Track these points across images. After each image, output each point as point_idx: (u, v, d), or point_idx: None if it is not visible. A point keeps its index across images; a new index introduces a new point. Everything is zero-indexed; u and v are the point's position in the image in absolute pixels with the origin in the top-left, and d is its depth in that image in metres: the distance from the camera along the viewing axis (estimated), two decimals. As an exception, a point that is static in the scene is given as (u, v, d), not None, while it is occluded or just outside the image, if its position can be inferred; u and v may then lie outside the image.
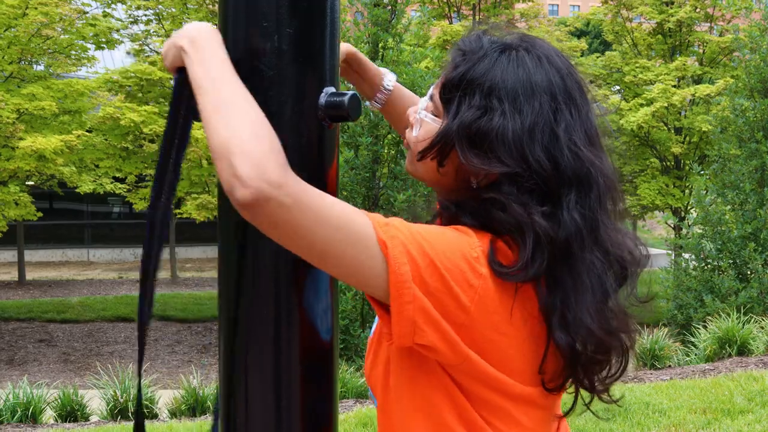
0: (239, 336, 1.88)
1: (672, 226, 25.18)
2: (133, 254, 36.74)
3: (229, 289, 1.90)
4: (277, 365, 1.88)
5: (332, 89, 1.88)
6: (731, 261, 16.69)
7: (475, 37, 2.06)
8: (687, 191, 27.08)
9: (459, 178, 2.00)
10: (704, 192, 17.59)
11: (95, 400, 11.15)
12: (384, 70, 2.56)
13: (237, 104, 1.75)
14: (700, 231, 17.61)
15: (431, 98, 2.05)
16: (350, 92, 1.86)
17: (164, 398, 11.34)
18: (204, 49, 1.84)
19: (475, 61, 1.98)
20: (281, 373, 1.88)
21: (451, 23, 28.45)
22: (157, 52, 25.85)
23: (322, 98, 1.86)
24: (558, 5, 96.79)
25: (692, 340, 13.60)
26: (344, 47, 2.39)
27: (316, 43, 1.87)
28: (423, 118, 2.04)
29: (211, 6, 24.86)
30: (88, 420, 10.84)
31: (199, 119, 1.82)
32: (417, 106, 2.07)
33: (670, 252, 19.07)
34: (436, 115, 2.02)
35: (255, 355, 1.87)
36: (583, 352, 1.91)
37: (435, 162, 2.01)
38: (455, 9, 29.11)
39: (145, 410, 10.88)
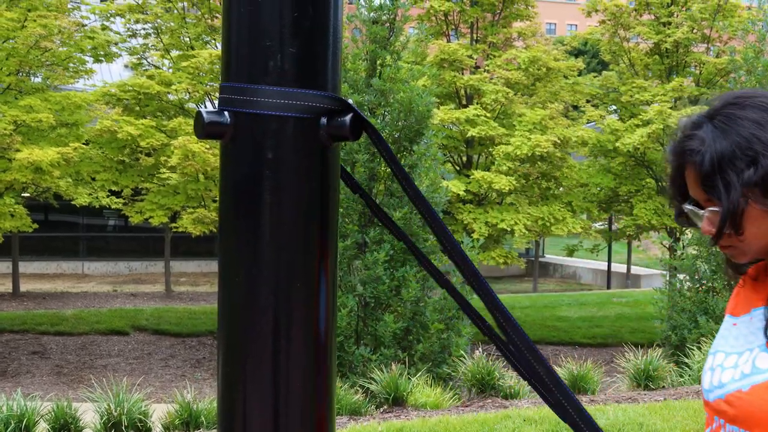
0: (238, 351, 1.90)
1: (667, 246, 25.20)
2: (127, 267, 36.77)
3: (228, 303, 1.92)
4: (276, 380, 1.89)
5: (334, 109, 1.89)
6: (726, 282, 16.70)
7: (688, 127, 2.33)
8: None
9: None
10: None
11: (89, 413, 11.14)
12: None
13: None
14: (694, 252, 17.63)
15: (698, 206, 2.32)
16: (351, 113, 1.88)
17: (158, 412, 11.34)
18: None
19: (708, 142, 2.24)
20: (280, 388, 1.89)
21: (449, 41, 28.49)
22: (155, 66, 25.87)
23: (324, 118, 1.87)
24: (555, 24, 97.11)
25: (686, 361, 13.62)
26: None
27: (319, 62, 1.89)
28: (705, 214, 2.28)
29: (209, 21, 24.91)
30: (82, 433, 10.84)
31: None
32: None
33: (664, 272, 19.05)
34: (715, 207, 2.26)
35: (253, 370, 1.88)
36: None
37: (761, 222, 2.23)
38: (453, 27, 29.15)
39: (139, 424, 10.88)
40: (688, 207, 2.33)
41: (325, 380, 1.95)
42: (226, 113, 1.87)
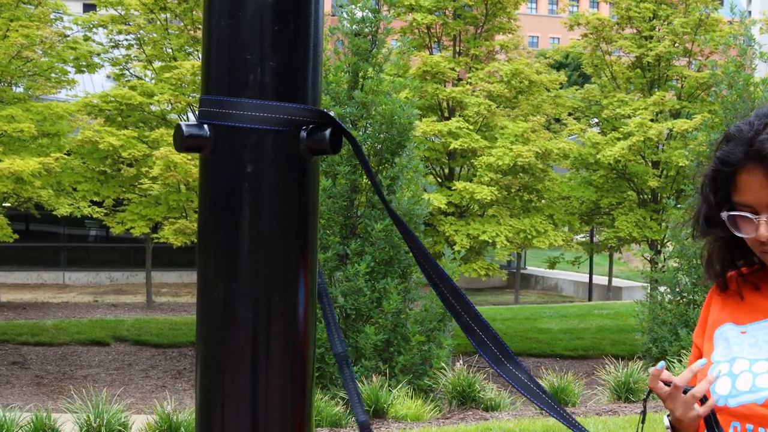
0: (216, 363, 1.90)
1: (648, 259, 25.26)
2: (108, 278, 36.66)
3: (206, 316, 1.92)
4: (254, 392, 1.89)
5: (314, 122, 1.90)
6: (706, 295, 16.72)
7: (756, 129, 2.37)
8: (663, 224, 27.17)
9: None
10: (680, 225, 17.66)
11: (68, 424, 11.10)
12: None
13: None
14: (675, 264, 17.66)
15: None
16: (331, 126, 1.88)
17: (138, 423, 11.31)
18: None
19: None
20: (258, 400, 1.89)
21: (431, 54, 28.53)
22: (137, 76, 25.84)
23: (303, 131, 1.87)
24: (538, 37, 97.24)
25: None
26: None
27: (299, 75, 1.89)
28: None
29: (192, 32, 24.88)
30: (61, 444, 10.80)
31: None
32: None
33: (645, 285, 19.08)
34: None
35: (231, 382, 1.88)
36: None
37: None
38: (436, 39, 29.19)
39: (118, 435, 10.84)
40: (737, 214, 2.37)
41: (303, 392, 1.95)
42: (205, 126, 1.87)
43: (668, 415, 2.51)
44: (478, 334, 2.02)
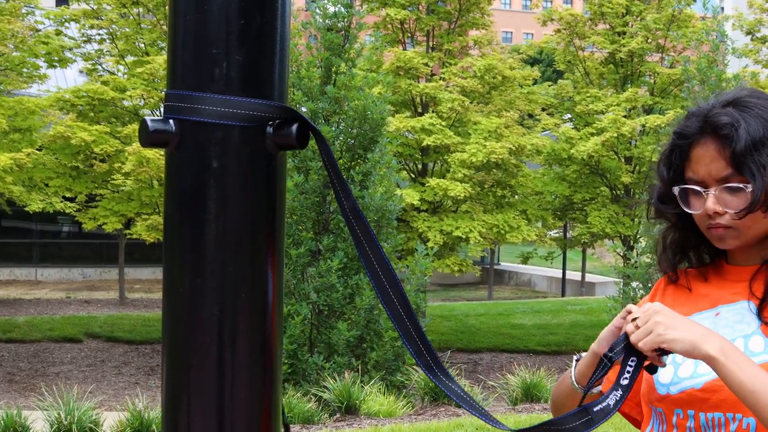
0: (181, 360, 1.88)
1: (621, 254, 25.34)
2: (81, 274, 36.53)
3: (172, 313, 1.90)
4: (221, 389, 1.88)
5: (280, 117, 1.88)
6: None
7: (712, 106, 2.46)
8: (636, 220, 27.26)
9: None
10: (653, 221, 17.70)
11: (39, 422, 11.05)
12: None
13: None
14: (648, 260, 17.72)
15: (717, 188, 2.37)
16: (298, 121, 1.87)
17: (109, 421, 11.27)
18: (734, 354, 2.18)
19: (740, 119, 2.35)
20: (224, 398, 1.88)
21: (404, 49, 28.50)
22: (110, 71, 25.75)
23: (270, 127, 1.86)
24: (512, 33, 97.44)
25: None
26: None
27: (265, 70, 1.88)
28: (714, 193, 2.38)
29: (165, 27, 24.80)
30: (32, 441, 10.75)
31: None
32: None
33: (618, 281, 19.14)
34: (740, 183, 2.35)
35: (197, 380, 1.87)
36: None
37: (760, 212, 2.34)
38: (409, 35, 29.15)
39: (90, 432, 10.80)
40: (687, 186, 2.42)
41: (270, 389, 1.94)
42: (171, 121, 1.85)
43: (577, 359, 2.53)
44: (417, 344, 2.10)
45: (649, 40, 29.28)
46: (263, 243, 1.89)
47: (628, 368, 2.25)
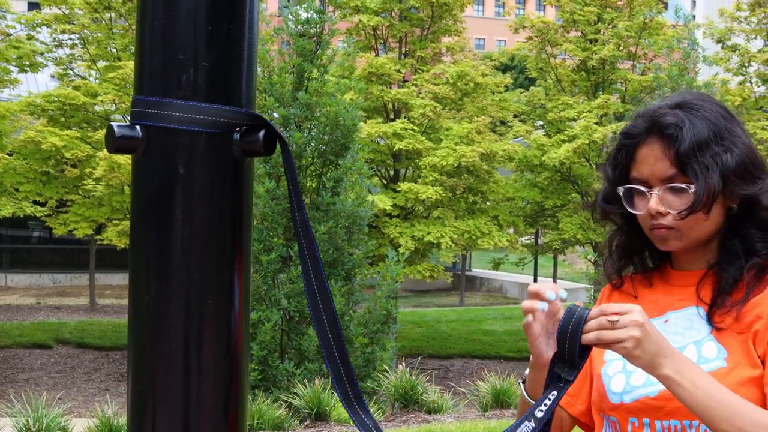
0: (147, 367, 1.88)
1: (592, 261, 25.42)
2: (51, 279, 36.34)
3: (137, 319, 1.90)
4: (186, 396, 1.87)
5: (247, 124, 1.88)
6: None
7: (658, 108, 2.46)
8: (608, 227, 27.32)
9: (718, 215, 2.40)
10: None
11: (7, 429, 11.00)
12: None
13: (741, 406, 2.16)
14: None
15: (661, 188, 2.39)
16: (265, 128, 1.87)
17: (78, 427, 11.22)
18: (690, 372, 2.18)
19: (686, 120, 2.38)
20: (190, 404, 1.88)
21: (377, 55, 28.50)
22: (81, 76, 25.66)
23: (237, 133, 1.86)
24: (484, 39, 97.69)
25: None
26: None
27: (233, 77, 1.88)
28: (657, 193, 2.39)
29: (136, 32, 24.71)
30: (-1, 448, 10.70)
31: None
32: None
33: (589, 287, 19.20)
34: (683, 184, 2.36)
35: (163, 386, 1.87)
36: None
37: (702, 213, 2.36)
38: (382, 41, 29.17)
39: (59, 438, 10.75)
40: (632, 186, 2.43)
41: (237, 395, 1.94)
42: (137, 127, 1.85)
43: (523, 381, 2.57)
44: (339, 369, 2.05)
45: (621, 48, 29.39)
46: (230, 250, 1.89)
47: (546, 401, 2.23)
